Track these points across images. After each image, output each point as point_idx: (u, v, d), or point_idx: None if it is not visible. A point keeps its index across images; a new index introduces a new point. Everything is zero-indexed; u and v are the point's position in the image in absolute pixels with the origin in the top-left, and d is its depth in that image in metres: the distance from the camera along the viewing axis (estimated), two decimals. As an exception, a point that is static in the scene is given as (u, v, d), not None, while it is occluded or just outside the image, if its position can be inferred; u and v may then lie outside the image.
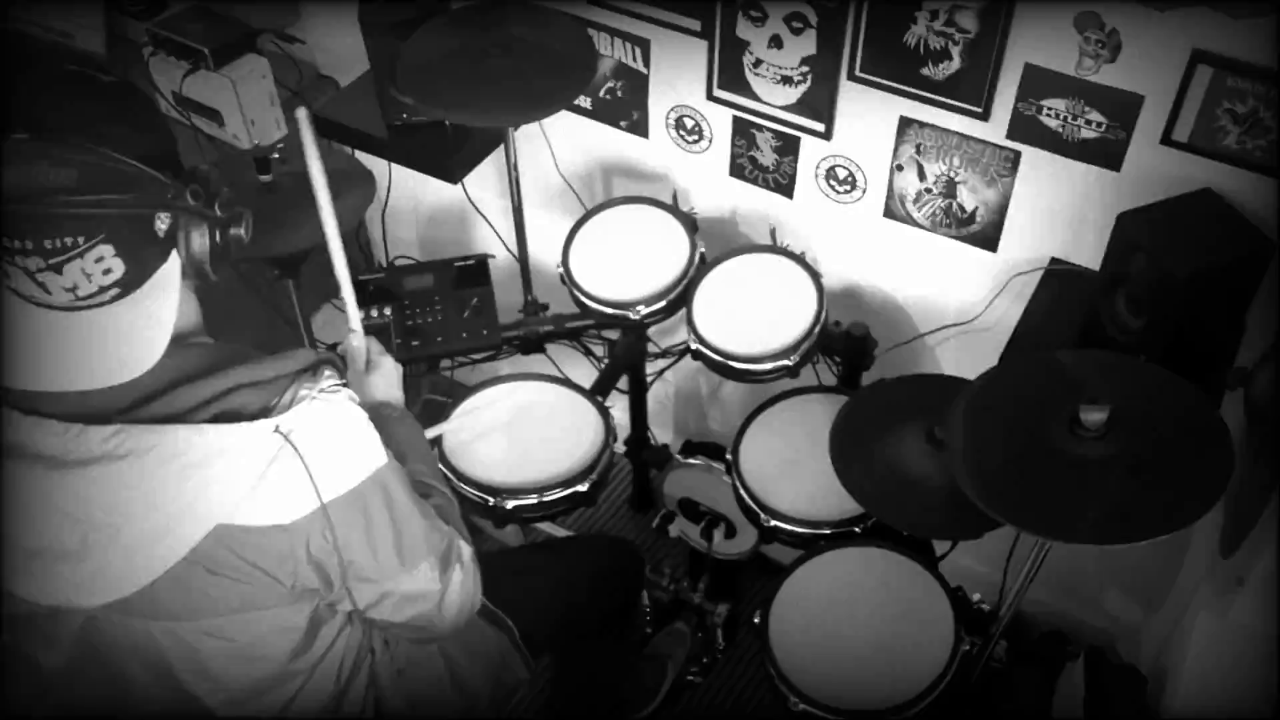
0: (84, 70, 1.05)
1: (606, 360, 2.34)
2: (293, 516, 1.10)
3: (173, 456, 1.05)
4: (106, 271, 1.01)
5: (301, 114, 1.41)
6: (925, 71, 1.82)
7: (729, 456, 1.95)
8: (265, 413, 1.09)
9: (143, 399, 1.07)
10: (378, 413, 1.44)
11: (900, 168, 1.98)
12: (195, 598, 1.12)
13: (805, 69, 1.95)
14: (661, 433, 2.71)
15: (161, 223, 1.04)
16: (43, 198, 0.97)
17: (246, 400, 1.09)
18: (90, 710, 1.26)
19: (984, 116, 1.82)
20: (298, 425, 1.09)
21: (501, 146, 2.10)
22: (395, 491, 1.20)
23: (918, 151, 1.94)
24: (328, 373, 1.15)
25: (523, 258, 2.28)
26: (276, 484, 1.09)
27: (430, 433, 1.74)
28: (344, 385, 1.16)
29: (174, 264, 1.08)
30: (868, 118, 1.95)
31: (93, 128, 1.01)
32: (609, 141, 2.30)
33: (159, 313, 1.08)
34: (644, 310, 2.00)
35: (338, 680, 1.32)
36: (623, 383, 2.34)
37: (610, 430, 1.98)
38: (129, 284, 1.03)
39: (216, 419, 1.07)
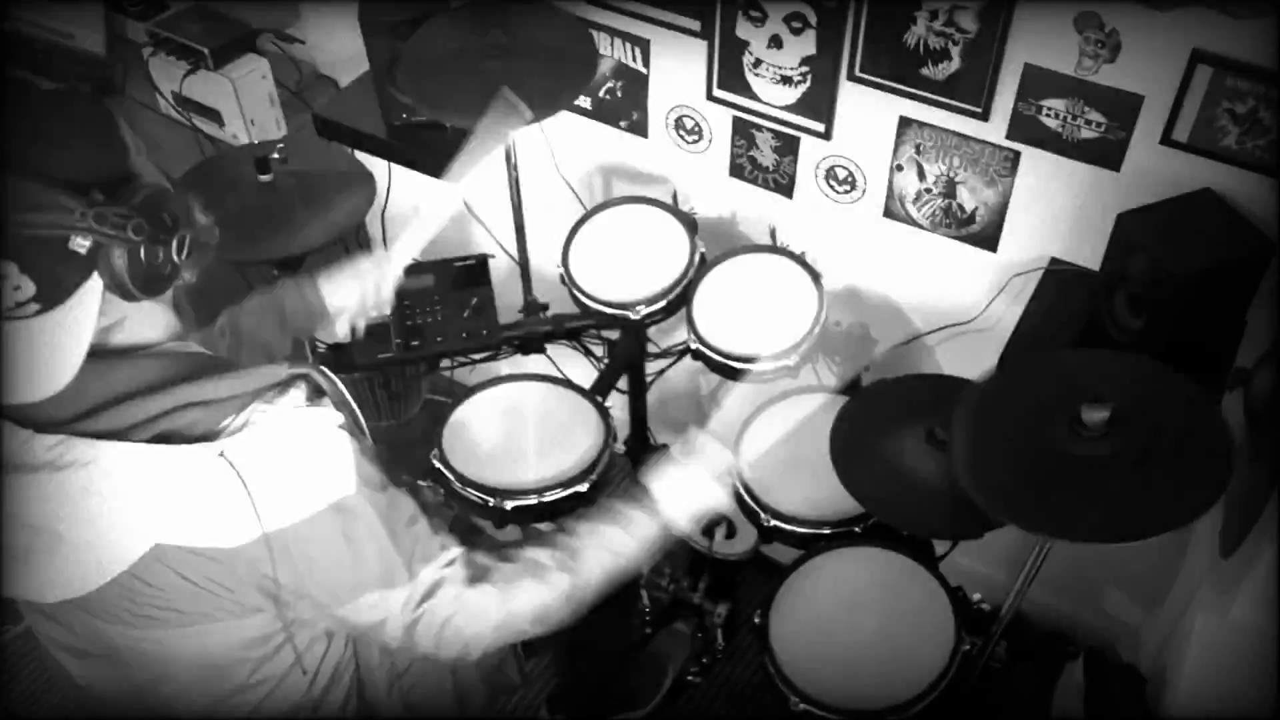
0: (31, 76, 1.02)
1: (606, 360, 2.34)
2: (233, 542, 1.07)
3: (111, 473, 1.03)
4: (16, 288, 0.98)
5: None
6: (925, 71, 1.82)
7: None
8: (213, 435, 1.05)
9: (89, 411, 1.05)
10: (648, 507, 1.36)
11: (900, 168, 1.98)
12: (139, 609, 1.11)
13: (805, 69, 1.95)
14: (662, 433, 2.70)
15: (81, 240, 1.00)
16: None
17: (195, 419, 1.06)
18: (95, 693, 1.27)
19: (984, 116, 1.82)
20: (244, 450, 1.05)
21: (502, 147, 2.10)
22: (359, 522, 1.14)
23: (917, 151, 1.94)
24: (294, 392, 1.10)
25: (522, 258, 2.28)
26: (217, 509, 1.06)
27: None
28: (312, 406, 1.11)
29: (97, 282, 1.03)
30: (867, 118, 1.95)
31: (10, 142, 0.98)
32: (609, 142, 2.30)
33: (79, 330, 1.04)
34: (644, 310, 2.00)
35: (309, 693, 1.29)
36: (622, 383, 2.34)
37: (610, 430, 1.98)
38: (45, 301, 1.00)
39: (159, 439, 1.04)
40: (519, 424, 2.01)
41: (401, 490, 1.20)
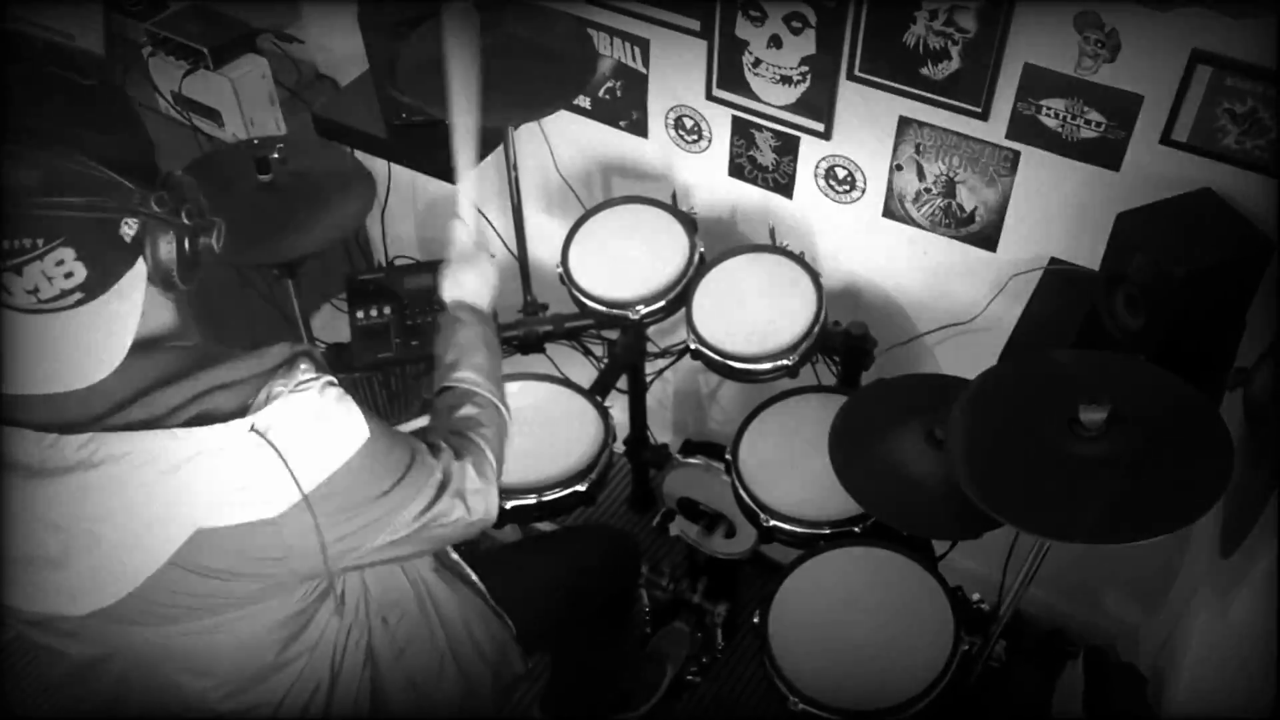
0: (62, 73, 1.04)
1: (606, 360, 2.34)
2: (276, 510, 1.10)
3: (148, 462, 1.05)
4: (68, 275, 1.00)
5: None
6: (925, 71, 1.82)
7: (728, 456, 1.95)
8: (241, 412, 1.08)
9: (117, 405, 1.06)
10: (452, 314, 1.51)
11: (900, 167, 1.98)
12: (180, 600, 1.12)
13: (805, 69, 1.95)
14: (661, 432, 2.71)
15: (128, 228, 1.03)
16: (2, 197, 0.96)
17: (221, 402, 1.08)
18: (95, 709, 1.26)
19: (983, 116, 1.82)
20: (273, 422, 1.09)
21: (501, 146, 2.10)
22: (378, 458, 1.20)
23: (917, 151, 1.94)
24: (303, 366, 1.14)
25: (522, 257, 2.28)
26: (256, 481, 1.08)
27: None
28: (319, 376, 1.15)
29: (140, 270, 1.07)
30: (867, 117, 1.95)
31: (63, 130, 1.00)
32: (608, 141, 2.30)
33: (122, 318, 1.07)
34: (643, 310, 2.00)
35: (332, 665, 1.33)
36: (622, 382, 2.34)
37: (610, 430, 1.98)
38: (91, 288, 1.02)
39: (192, 422, 1.06)
40: (518, 424, 2.01)
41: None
